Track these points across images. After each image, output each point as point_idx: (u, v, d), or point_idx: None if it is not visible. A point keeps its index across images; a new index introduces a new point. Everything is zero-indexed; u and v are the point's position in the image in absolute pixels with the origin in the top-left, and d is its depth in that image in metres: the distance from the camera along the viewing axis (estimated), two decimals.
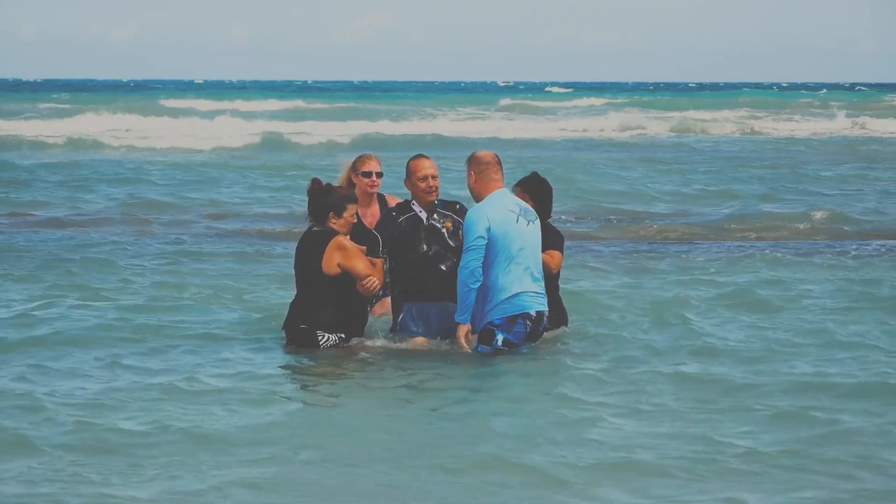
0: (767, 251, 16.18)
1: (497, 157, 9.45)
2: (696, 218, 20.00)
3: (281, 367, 9.13)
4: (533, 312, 9.29)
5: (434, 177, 9.59)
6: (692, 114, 60.25)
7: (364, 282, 9.31)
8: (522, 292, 9.23)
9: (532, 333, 9.35)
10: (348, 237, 9.44)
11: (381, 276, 9.42)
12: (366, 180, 10.27)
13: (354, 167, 10.34)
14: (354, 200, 9.54)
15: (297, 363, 9.23)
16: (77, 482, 6.39)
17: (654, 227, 18.78)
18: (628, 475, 6.57)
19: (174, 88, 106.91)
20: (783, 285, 12.92)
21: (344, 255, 9.30)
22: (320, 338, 9.40)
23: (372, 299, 9.63)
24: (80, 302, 11.61)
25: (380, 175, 10.32)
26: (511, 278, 9.22)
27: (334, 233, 9.38)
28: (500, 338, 9.27)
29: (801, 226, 18.80)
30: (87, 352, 9.51)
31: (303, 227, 9.74)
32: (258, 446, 7.01)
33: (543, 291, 9.38)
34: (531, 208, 9.44)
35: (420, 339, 9.51)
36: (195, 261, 14.90)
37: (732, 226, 18.80)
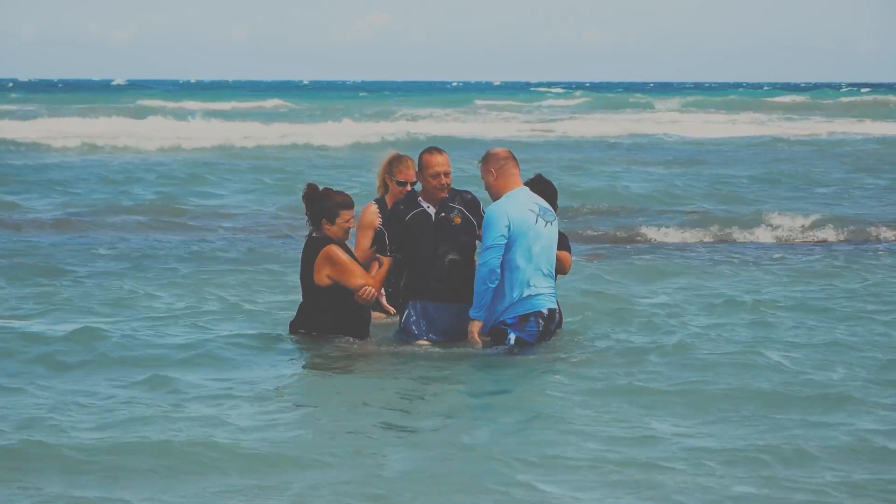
0: (753, 252, 16.15)
1: (511, 152, 9.34)
2: (680, 218, 19.89)
3: (270, 366, 9.06)
4: (545, 311, 9.27)
5: (447, 174, 9.38)
6: (685, 114, 60.51)
7: (360, 293, 9.20)
8: (536, 294, 9.20)
9: (544, 332, 9.32)
10: (346, 241, 9.29)
11: (380, 280, 9.29)
12: (400, 188, 9.90)
13: (391, 170, 9.97)
14: (349, 206, 9.31)
15: (290, 363, 9.16)
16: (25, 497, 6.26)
17: (638, 227, 18.71)
18: (577, 477, 6.56)
19: (166, 89, 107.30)
20: (765, 289, 12.89)
21: (335, 270, 9.19)
22: None
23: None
24: (67, 304, 11.55)
25: (414, 184, 9.90)
26: (526, 279, 9.18)
27: (327, 242, 9.23)
28: (512, 336, 9.23)
29: (792, 227, 18.69)
30: (75, 354, 9.36)
31: (295, 228, 9.58)
32: (233, 452, 6.89)
33: (555, 290, 9.38)
34: (550, 208, 9.36)
35: (419, 343, 9.39)
36: (188, 261, 14.83)
37: (715, 227, 18.62)
